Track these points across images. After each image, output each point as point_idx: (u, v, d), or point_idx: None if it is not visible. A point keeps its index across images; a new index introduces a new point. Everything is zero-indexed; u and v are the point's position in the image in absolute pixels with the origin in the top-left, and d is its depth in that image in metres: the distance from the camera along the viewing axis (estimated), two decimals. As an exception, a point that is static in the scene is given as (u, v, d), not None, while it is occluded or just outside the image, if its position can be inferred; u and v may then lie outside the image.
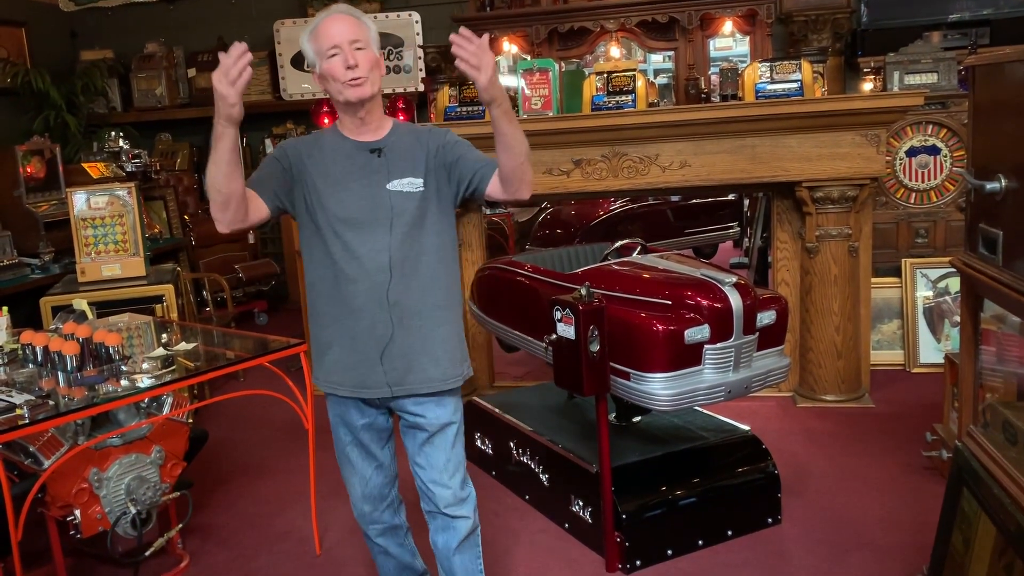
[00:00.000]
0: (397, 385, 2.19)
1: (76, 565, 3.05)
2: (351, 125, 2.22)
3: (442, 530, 2.32)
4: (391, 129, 2.24)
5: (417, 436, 2.27)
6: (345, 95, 2.13)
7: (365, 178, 2.17)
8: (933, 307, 4.72)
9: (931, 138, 4.83)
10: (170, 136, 7.53)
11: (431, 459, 2.26)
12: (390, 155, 2.20)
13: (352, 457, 2.34)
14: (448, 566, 2.34)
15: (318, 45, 2.14)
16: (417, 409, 2.24)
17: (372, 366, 2.18)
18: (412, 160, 2.20)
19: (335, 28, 2.12)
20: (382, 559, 2.52)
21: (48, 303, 4.00)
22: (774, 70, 4.01)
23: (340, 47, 2.10)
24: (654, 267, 3.14)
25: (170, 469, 2.85)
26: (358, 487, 2.37)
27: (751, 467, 3.13)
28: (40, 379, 2.76)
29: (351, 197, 2.15)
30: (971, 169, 2.19)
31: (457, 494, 2.28)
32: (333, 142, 2.22)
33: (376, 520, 2.42)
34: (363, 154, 2.19)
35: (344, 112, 2.21)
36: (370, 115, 2.20)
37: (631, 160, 4.11)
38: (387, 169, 2.18)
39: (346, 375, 2.22)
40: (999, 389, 2.30)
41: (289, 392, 2.99)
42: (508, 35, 6.58)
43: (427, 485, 2.28)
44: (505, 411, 3.55)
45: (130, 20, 7.46)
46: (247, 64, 1.94)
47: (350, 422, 2.30)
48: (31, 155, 5.14)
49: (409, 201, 2.17)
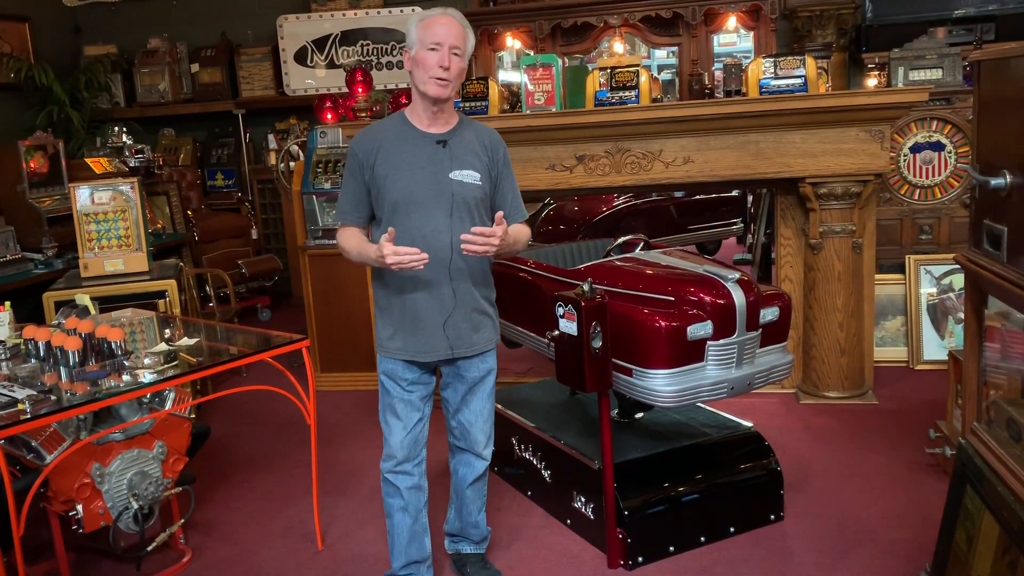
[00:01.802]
0: (457, 348, 2.52)
1: (78, 560, 3.05)
2: (424, 115, 2.47)
3: (465, 464, 2.73)
4: (456, 124, 2.51)
5: (460, 386, 2.63)
6: (427, 88, 2.38)
7: (432, 165, 2.43)
8: (937, 304, 4.71)
9: (935, 134, 4.81)
10: (173, 131, 7.55)
11: (471, 405, 2.64)
12: (454, 147, 2.46)
13: (398, 409, 2.58)
14: (461, 492, 2.77)
15: (424, 35, 2.38)
16: (467, 364, 2.59)
17: (435, 332, 2.49)
18: (473, 155, 2.49)
19: (445, 28, 2.37)
20: (399, 517, 2.64)
21: (51, 298, 4.00)
22: (778, 66, 3.99)
23: (442, 45, 2.35)
24: (657, 263, 3.14)
25: (172, 464, 2.85)
26: (400, 433, 2.58)
27: (754, 464, 3.13)
28: (42, 374, 2.76)
29: (416, 182, 2.41)
30: (976, 165, 2.18)
31: (489, 436, 2.70)
32: (402, 131, 2.48)
33: (407, 471, 2.60)
34: (430, 144, 2.45)
35: (420, 102, 2.45)
36: (443, 112, 2.46)
37: (634, 156, 4.10)
38: (450, 159, 2.45)
39: (409, 341, 2.51)
40: (1003, 386, 2.29)
41: (292, 388, 2.99)
42: (511, 31, 6.57)
43: (466, 427, 2.66)
44: (507, 407, 3.55)
45: (133, 15, 7.46)
46: (417, 265, 2.31)
47: (402, 378, 2.55)
48: (34, 150, 5.14)
49: (467, 190, 2.45)
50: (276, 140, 7.08)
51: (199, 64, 7.30)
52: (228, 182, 7.46)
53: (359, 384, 4.77)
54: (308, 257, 4.88)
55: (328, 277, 4.83)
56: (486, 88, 4.28)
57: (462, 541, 2.85)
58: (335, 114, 5.24)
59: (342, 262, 4.64)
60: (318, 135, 5.06)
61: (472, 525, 2.81)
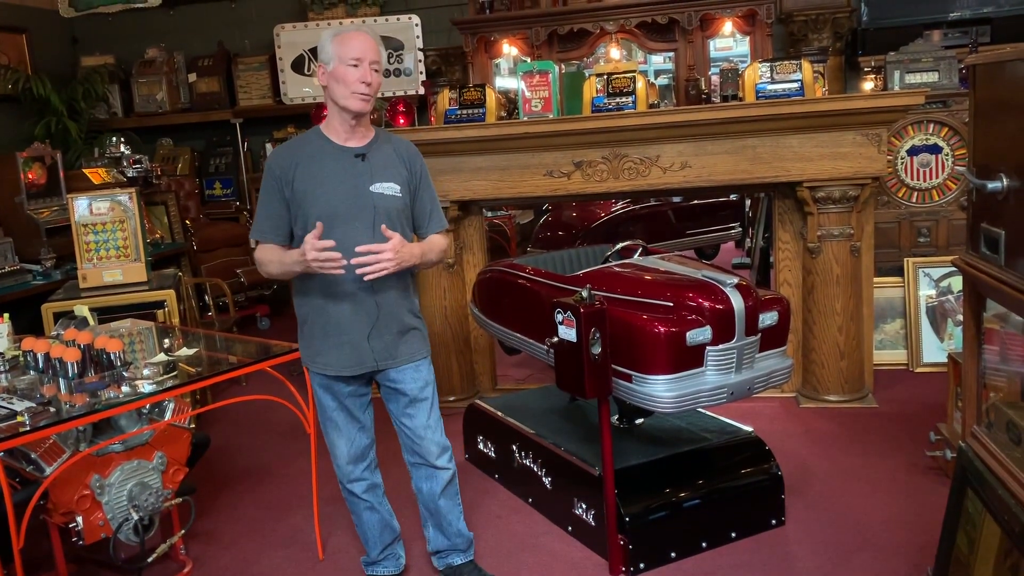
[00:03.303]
0: (383, 360, 2.54)
1: (78, 572, 3.04)
2: (341, 129, 2.50)
3: (427, 479, 2.70)
4: (373, 137, 2.55)
5: (401, 399, 2.62)
6: (349, 103, 2.41)
7: (353, 179, 2.46)
8: (936, 306, 4.71)
9: (932, 137, 4.82)
10: (171, 141, 7.54)
11: (416, 418, 2.63)
12: (373, 160, 2.50)
13: (338, 421, 2.64)
14: (434, 508, 2.73)
15: (341, 50, 2.40)
16: (399, 376, 2.59)
17: (360, 345, 2.51)
18: (392, 168, 2.52)
19: (364, 44, 2.41)
20: (367, 515, 2.77)
21: (50, 309, 4.00)
22: (774, 70, 4.00)
23: (362, 61, 2.39)
24: (655, 269, 3.14)
25: (172, 475, 2.84)
26: (344, 448, 2.66)
27: (754, 468, 3.12)
28: (41, 386, 2.76)
29: (338, 196, 2.43)
30: (973, 168, 2.18)
31: (442, 445, 2.67)
32: (319, 146, 2.50)
33: (360, 477, 2.71)
34: (349, 158, 2.48)
35: (338, 116, 2.48)
36: (360, 125, 2.50)
37: (632, 161, 4.11)
38: (370, 173, 2.48)
39: (334, 355, 2.53)
40: (1003, 389, 2.29)
41: (291, 397, 2.99)
42: (508, 37, 6.57)
43: (414, 440, 2.65)
44: (507, 414, 3.55)
45: (130, 25, 7.47)
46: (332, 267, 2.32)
47: (336, 391, 2.60)
48: (32, 161, 5.14)
49: (388, 202, 2.49)
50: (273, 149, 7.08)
51: (196, 74, 7.30)
52: (226, 191, 7.46)
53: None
54: (307, 265, 4.87)
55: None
56: (483, 95, 4.29)
57: (452, 554, 2.83)
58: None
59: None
60: (316, 144, 5.05)
61: (456, 534, 2.80)
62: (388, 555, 2.85)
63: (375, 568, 2.86)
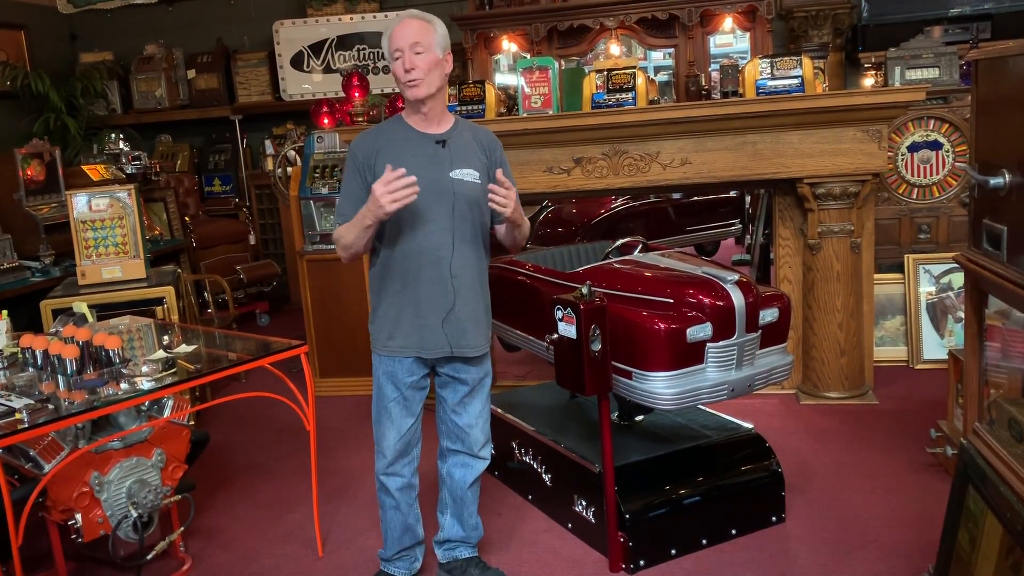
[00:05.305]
0: (456, 347, 2.54)
1: (77, 569, 3.04)
2: (416, 118, 2.52)
3: (462, 466, 2.73)
4: (453, 124, 2.56)
5: (460, 388, 2.65)
6: (405, 93, 2.45)
7: (433, 165, 2.47)
8: (936, 303, 4.70)
9: (933, 133, 4.81)
10: (170, 137, 7.54)
11: (470, 406, 2.67)
12: (453, 147, 2.51)
13: (394, 411, 2.61)
14: (460, 496, 2.76)
15: (387, 47, 2.45)
16: (465, 367, 2.62)
17: (435, 330, 2.51)
18: (472, 154, 2.54)
19: (401, 32, 2.41)
20: (391, 514, 2.73)
21: (48, 306, 3.99)
22: (775, 66, 3.99)
23: (402, 50, 2.39)
24: (655, 265, 3.13)
25: (171, 472, 2.84)
26: (393, 439, 2.63)
27: (755, 465, 3.12)
28: (40, 383, 2.75)
29: (418, 182, 2.37)
30: (974, 164, 2.17)
31: (487, 435, 2.73)
32: (401, 132, 2.52)
33: (399, 473, 2.67)
34: (430, 144, 2.50)
35: (409, 106, 2.52)
36: (432, 111, 2.50)
37: (632, 158, 4.10)
38: (451, 159, 2.50)
39: (410, 339, 2.53)
40: (1004, 385, 2.28)
41: (290, 394, 2.98)
42: (507, 33, 6.56)
43: (464, 429, 2.68)
44: (507, 411, 3.54)
45: (129, 22, 7.46)
46: (412, 194, 2.30)
47: (399, 379, 2.58)
48: (31, 158, 5.13)
49: (468, 188, 2.50)
50: (273, 145, 7.08)
51: (195, 70, 7.30)
52: (225, 188, 7.46)
53: (358, 389, 4.76)
54: (306, 262, 4.87)
55: (326, 282, 4.83)
56: (483, 91, 4.28)
57: (460, 546, 2.82)
58: (332, 119, 5.23)
59: (340, 267, 4.66)
60: (315, 140, 5.06)
61: (473, 527, 2.81)
62: (404, 556, 2.81)
63: (387, 565, 2.83)
